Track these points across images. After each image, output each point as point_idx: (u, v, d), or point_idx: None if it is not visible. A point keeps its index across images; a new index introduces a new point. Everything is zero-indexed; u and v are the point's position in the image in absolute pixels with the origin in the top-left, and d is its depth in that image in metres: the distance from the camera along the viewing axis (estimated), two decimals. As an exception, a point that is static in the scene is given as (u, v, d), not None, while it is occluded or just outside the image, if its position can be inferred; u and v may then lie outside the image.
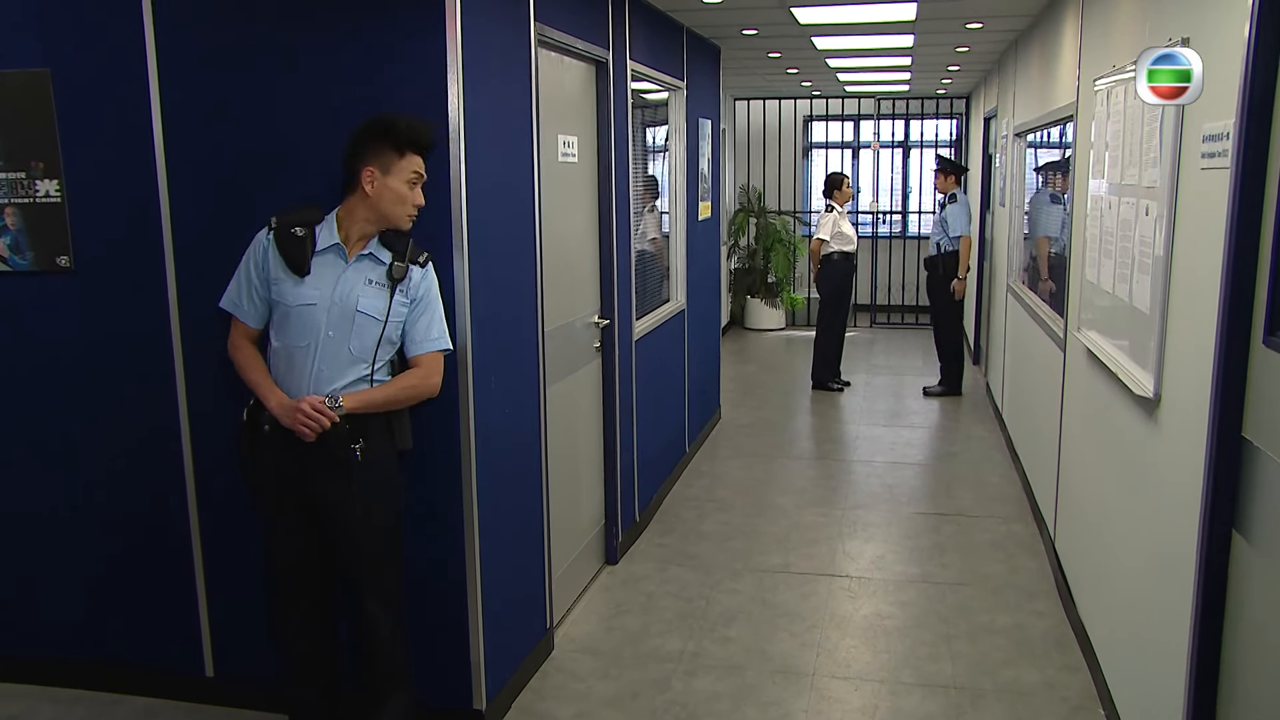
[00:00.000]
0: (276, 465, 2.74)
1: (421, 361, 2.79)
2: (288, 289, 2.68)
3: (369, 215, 2.70)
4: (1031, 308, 5.50)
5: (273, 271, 2.70)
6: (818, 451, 6.52)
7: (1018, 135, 6.48)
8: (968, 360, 9.37)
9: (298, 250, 2.67)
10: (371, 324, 2.69)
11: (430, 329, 2.79)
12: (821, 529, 5.06)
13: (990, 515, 5.23)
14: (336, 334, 2.67)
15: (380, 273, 2.71)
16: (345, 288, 2.68)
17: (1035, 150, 6.09)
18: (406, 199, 2.70)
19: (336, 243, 2.70)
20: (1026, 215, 6.02)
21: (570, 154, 4.02)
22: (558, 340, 3.87)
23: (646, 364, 5.06)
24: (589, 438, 4.36)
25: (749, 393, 8.14)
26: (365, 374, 2.71)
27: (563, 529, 3.98)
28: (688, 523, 5.15)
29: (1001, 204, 7.44)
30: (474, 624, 3.10)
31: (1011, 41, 6.83)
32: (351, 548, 2.77)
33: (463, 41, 2.89)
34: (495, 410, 3.21)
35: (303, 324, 2.67)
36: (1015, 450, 6.08)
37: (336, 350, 2.68)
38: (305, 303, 2.67)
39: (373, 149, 2.66)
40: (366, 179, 2.66)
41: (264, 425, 2.73)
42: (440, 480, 3.03)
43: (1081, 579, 3.87)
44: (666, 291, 5.85)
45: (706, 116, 6.50)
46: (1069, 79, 4.59)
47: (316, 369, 2.68)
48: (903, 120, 11.68)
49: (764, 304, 11.07)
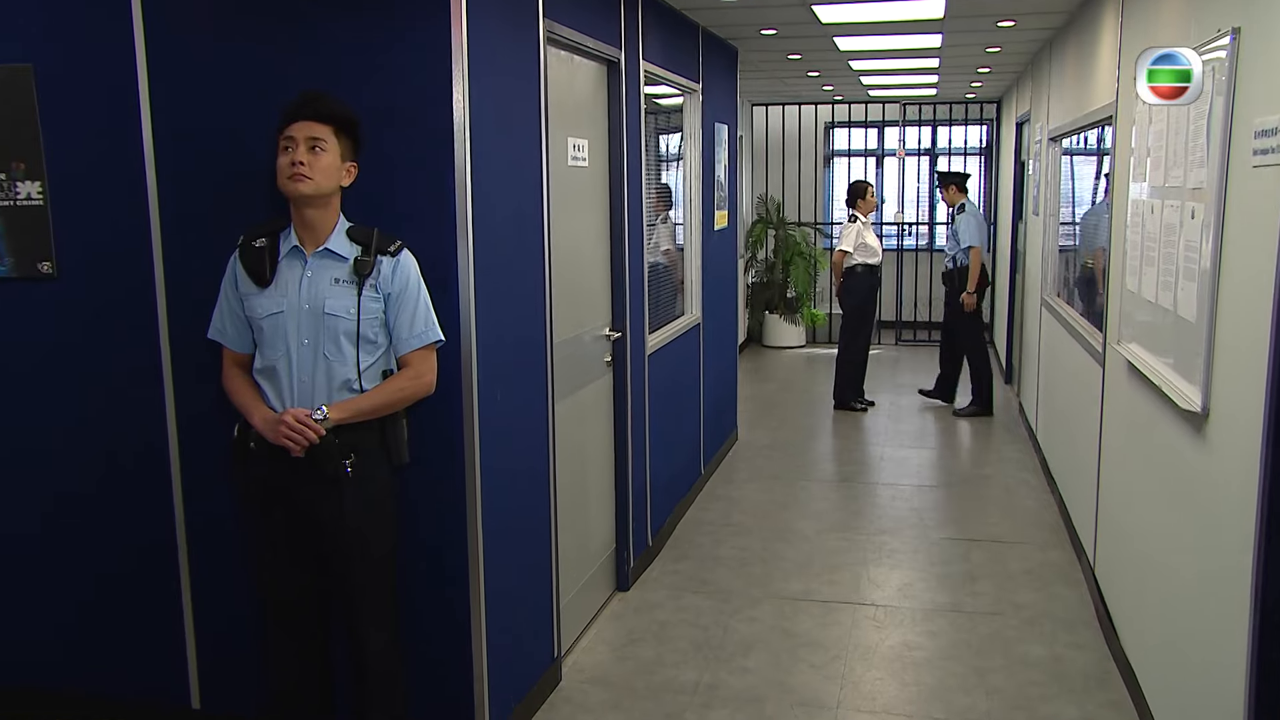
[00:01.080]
0: (265, 482, 2.73)
1: (411, 360, 2.76)
2: (256, 302, 2.71)
3: (292, 205, 2.72)
4: (1068, 322, 5.46)
5: (242, 288, 2.74)
6: (840, 474, 6.47)
7: (1052, 140, 6.45)
8: (998, 379, 9.32)
9: (258, 261, 2.70)
10: (343, 325, 2.66)
11: (414, 322, 2.74)
12: (845, 554, 5.01)
13: (1024, 541, 5.17)
14: (311, 341, 2.67)
15: (345, 269, 2.69)
16: (311, 290, 2.68)
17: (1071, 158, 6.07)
18: (282, 169, 2.66)
19: (295, 245, 2.71)
20: (1078, 226, 5.91)
21: (580, 158, 4.01)
22: (566, 354, 3.84)
23: (660, 380, 5.03)
24: (599, 457, 4.33)
25: (768, 413, 8.10)
26: (351, 382, 2.69)
27: (571, 553, 3.94)
28: (703, 548, 5.12)
29: (1035, 213, 7.40)
30: (477, 652, 3.06)
31: (1046, 41, 6.81)
32: (344, 568, 2.75)
33: (468, 37, 2.88)
34: (501, 426, 3.18)
35: (275, 335, 2.68)
36: (1051, 473, 6.03)
37: (313, 359, 2.67)
38: (272, 312, 2.68)
39: None
40: None
41: (250, 443, 2.73)
42: (442, 500, 3.00)
43: (1124, 608, 3.81)
44: (681, 305, 5.83)
45: (723, 121, 6.50)
46: (1107, 78, 4.56)
47: (296, 381, 2.67)
48: (929, 126, 11.68)
49: (783, 320, 11.05)
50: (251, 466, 2.75)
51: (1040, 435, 6.67)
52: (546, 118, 3.51)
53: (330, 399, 2.67)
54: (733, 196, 6.93)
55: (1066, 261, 6.16)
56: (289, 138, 2.65)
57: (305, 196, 2.64)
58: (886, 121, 11.63)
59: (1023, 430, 7.42)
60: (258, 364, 2.75)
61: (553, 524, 3.65)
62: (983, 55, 7.48)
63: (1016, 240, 8.99)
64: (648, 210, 4.85)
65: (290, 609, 2.83)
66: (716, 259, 6.36)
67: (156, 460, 3.22)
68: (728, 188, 6.71)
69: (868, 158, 12.10)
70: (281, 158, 2.65)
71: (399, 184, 2.90)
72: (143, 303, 3.16)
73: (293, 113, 2.67)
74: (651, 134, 5.12)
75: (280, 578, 2.80)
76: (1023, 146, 8.89)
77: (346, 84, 2.88)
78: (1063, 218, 6.25)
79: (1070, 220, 6.13)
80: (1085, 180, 5.87)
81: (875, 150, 12.12)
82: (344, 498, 2.68)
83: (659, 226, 5.49)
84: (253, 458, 2.73)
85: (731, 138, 6.81)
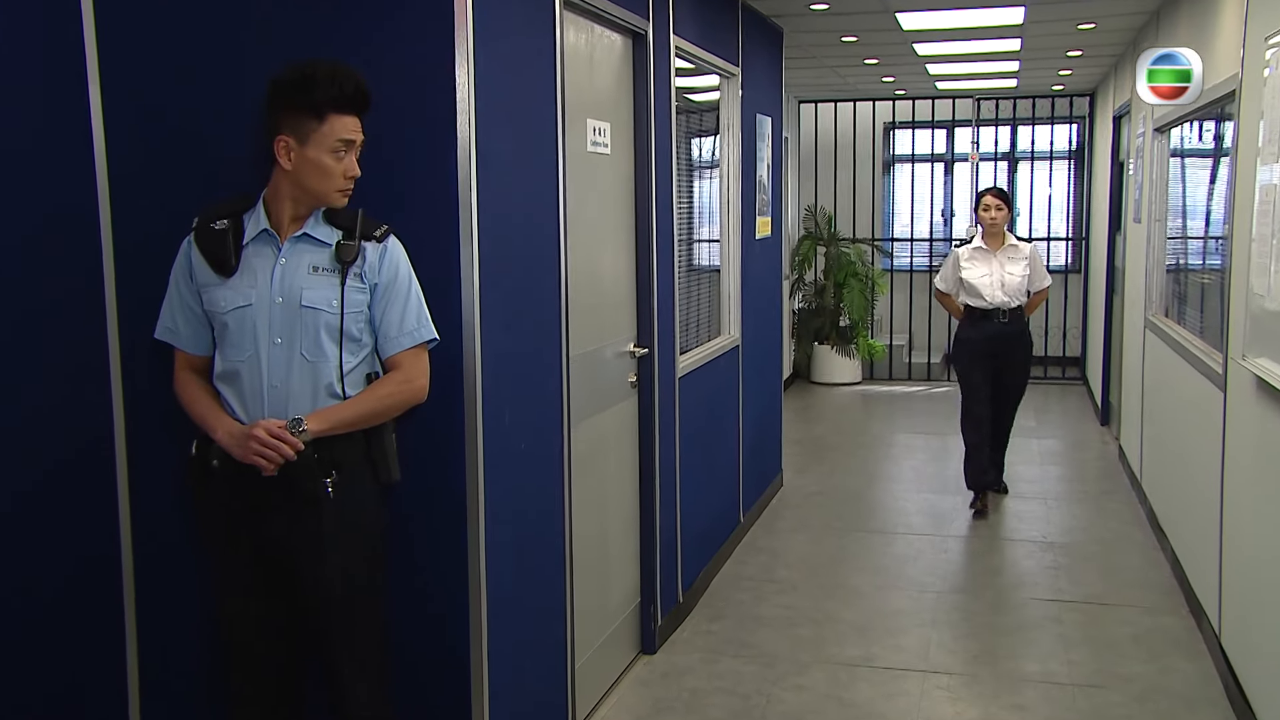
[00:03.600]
0: (229, 507, 2.74)
1: (399, 362, 2.77)
2: (218, 294, 2.69)
3: (294, 193, 2.70)
4: (1179, 343, 5.45)
5: (199, 278, 2.72)
6: (903, 525, 6.47)
7: (1158, 131, 6.48)
8: (1093, 419, 9.30)
9: (219, 245, 2.68)
10: (324, 319, 2.68)
11: (405, 319, 2.76)
12: (910, 616, 5.00)
13: (1129, 604, 5.14)
14: (285, 339, 2.67)
15: (325, 256, 2.70)
16: (286, 280, 2.68)
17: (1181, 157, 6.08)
18: (333, 172, 2.66)
19: (265, 229, 2.70)
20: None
21: (602, 143, 4.07)
22: (584, 370, 3.88)
23: (693, 408, 5.06)
24: (622, 494, 4.35)
25: (817, 457, 8.10)
26: (332, 386, 2.70)
27: (589, 607, 3.95)
28: (742, 606, 5.12)
29: (1136, 220, 7.42)
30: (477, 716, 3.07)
31: (1152, 12, 6.82)
32: (322, 604, 2.75)
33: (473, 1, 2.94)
34: (509, 452, 3.21)
35: (242, 332, 2.68)
36: (1160, 524, 6.00)
37: (288, 360, 2.67)
38: (238, 305, 2.68)
39: (286, 113, 2.64)
40: (281, 151, 2.65)
41: (212, 460, 2.72)
42: (440, 540, 3.02)
43: (1263, 685, 3.77)
44: (717, 323, 5.87)
45: (766, 113, 6.58)
46: (1230, 45, 4.57)
47: (268, 386, 2.67)
48: (1008, 126, 11.74)
49: (835, 352, 11.06)
50: (213, 490, 2.75)
51: (1145, 480, 6.65)
52: (563, 96, 3.57)
53: (309, 407, 2.68)
54: (776, 202, 6.99)
55: (1176, 276, 6.16)
56: (348, 142, 2.66)
57: None
58: (957, 121, 11.69)
59: (1123, 477, 7.40)
60: (219, 368, 2.74)
61: (567, 570, 3.67)
62: (1073, 34, 7.46)
63: (1113, 256, 9.00)
64: (678, 202, 4.90)
65: (259, 658, 2.83)
66: (758, 272, 6.41)
67: (101, 471, 3.19)
68: (771, 190, 6.77)
69: (934, 163, 12.16)
70: (330, 161, 2.65)
71: (392, 170, 2.95)
72: (90, 304, 3.15)
73: (349, 102, 2.66)
74: (681, 138, 5.17)
75: (248, 620, 2.80)
76: (1121, 145, 8.92)
77: (329, 56, 2.89)
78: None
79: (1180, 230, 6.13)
80: (1200, 179, 5.88)
81: (944, 155, 12.19)
82: (324, 522, 2.69)
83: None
84: (215, 479, 2.73)
85: (776, 133, 6.88)
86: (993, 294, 6.48)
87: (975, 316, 6.57)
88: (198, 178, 3.09)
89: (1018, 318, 6.57)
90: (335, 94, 2.63)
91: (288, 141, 2.64)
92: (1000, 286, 6.48)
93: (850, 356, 11.11)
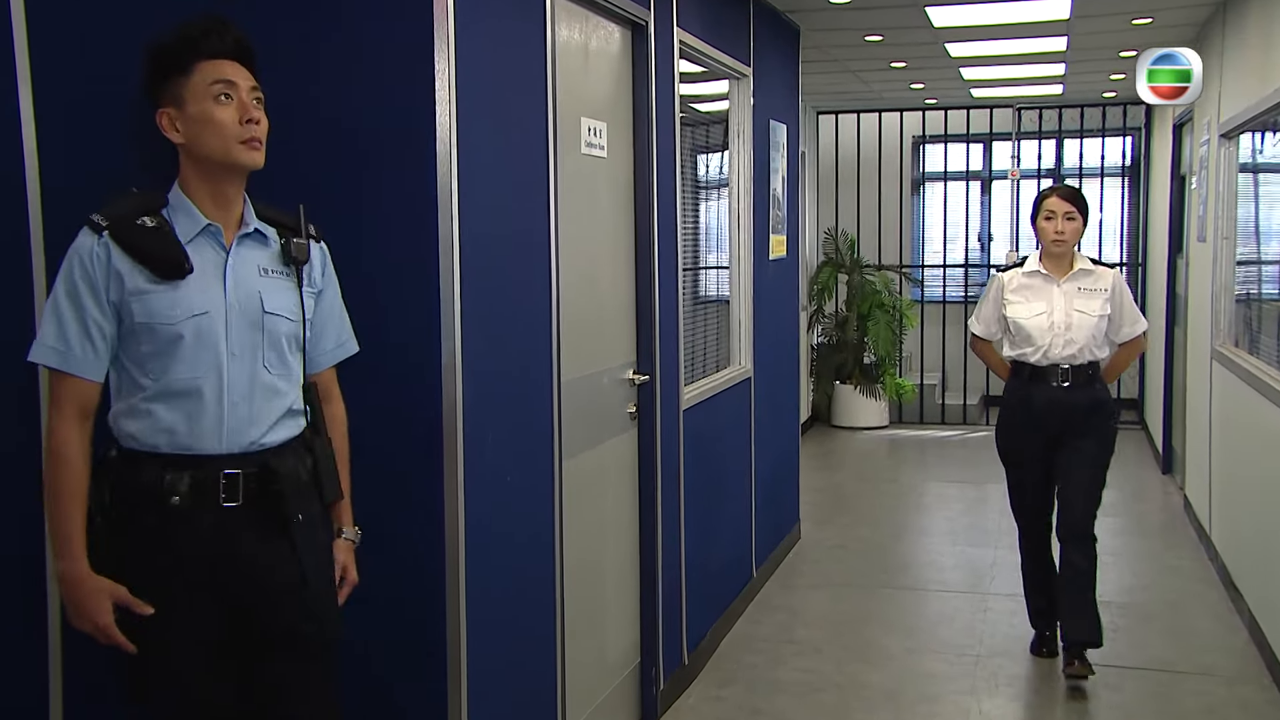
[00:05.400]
0: (183, 554, 2.61)
1: (328, 380, 2.83)
2: (163, 301, 2.57)
3: (200, 170, 2.63)
4: (1254, 375, 5.48)
5: (129, 284, 2.57)
6: (936, 581, 6.48)
7: (1225, 138, 6.53)
8: (1153, 466, 9.31)
9: (160, 243, 2.58)
10: (284, 328, 2.69)
11: (341, 329, 2.85)
12: (947, 682, 5.00)
13: (1202, 672, 5.14)
14: (242, 352, 2.64)
15: (269, 256, 2.71)
16: (239, 283, 2.65)
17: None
18: (224, 120, 2.58)
19: (208, 223, 2.64)
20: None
21: (598, 145, 4.12)
22: (578, 397, 3.91)
23: (699, 444, 5.08)
24: (620, 539, 4.37)
25: (840, 507, 8.11)
26: (295, 405, 2.72)
27: (582, 665, 3.95)
28: (756, 669, 5.12)
29: (1200, 239, 7.46)
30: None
31: (1218, 5, 6.81)
32: (293, 663, 2.72)
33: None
34: (492, 483, 3.23)
35: (200, 346, 2.60)
36: (1235, 583, 6.00)
37: (250, 376, 2.64)
38: (196, 312, 2.58)
39: (156, 85, 2.62)
40: (167, 126, 2.62)
41: (175, 497, 2.59)
42: (411, 578, 3.02)
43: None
44: (726, 352, 5.90)
45: (781, 120, 6.65)
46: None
47: (229, 408, 2.62)
48: (1053, 139, 11.80)
49: (859, 392, 11.08)
50: (174, 535, 2.61)
51: (1216, 534, 6.65)
52: (555, 91, 3.62)
53: (269, 428, 2.66)
54: (793, 220, 7.04)
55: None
56: (227, 82, 2.60)
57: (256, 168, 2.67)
58: (995, 135, 11.76)
59: (1189, 529, 7.41)
60: (155, 388, 2.59)
61: (558, 622, 3.67)
62: (1127, 30, 7.43)
63: (1174, 283, 9.03)
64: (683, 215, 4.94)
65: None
66: (772, 296, 6.46)
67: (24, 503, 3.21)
68: (786, 206, 6.83)
69: (969, 182, 12.22)
70: (221, 110, 2.59)
71: (363, 166, 2.99)
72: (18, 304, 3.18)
73: (213, 47, 2.61)
74: (687, 153, 5.22)
75: (204, 697, 2.67)
76: (1182, 158, 8.97)
77: (285, 47, 2.93)
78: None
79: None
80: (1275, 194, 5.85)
81: (980, 172, 12.25)
82: (300, 555, 2.67)
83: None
84: (173, 520, 2.60)
85: (792, 142, 6.95)
86: (1050, 342, 4.93)
87: (1024, 376, 5.03)
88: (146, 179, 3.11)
89: (1088, 379, 4.97)
90: (190, 40, 2.60)
91: (168, 113, 2.61)
92: (1063, 330, 4.92)
93: (875, 397, 11.13)
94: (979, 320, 5.23)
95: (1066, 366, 4.92)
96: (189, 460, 2.60)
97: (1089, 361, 4.95)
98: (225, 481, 2.61)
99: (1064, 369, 4.92)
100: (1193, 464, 7.73)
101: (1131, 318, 5.05)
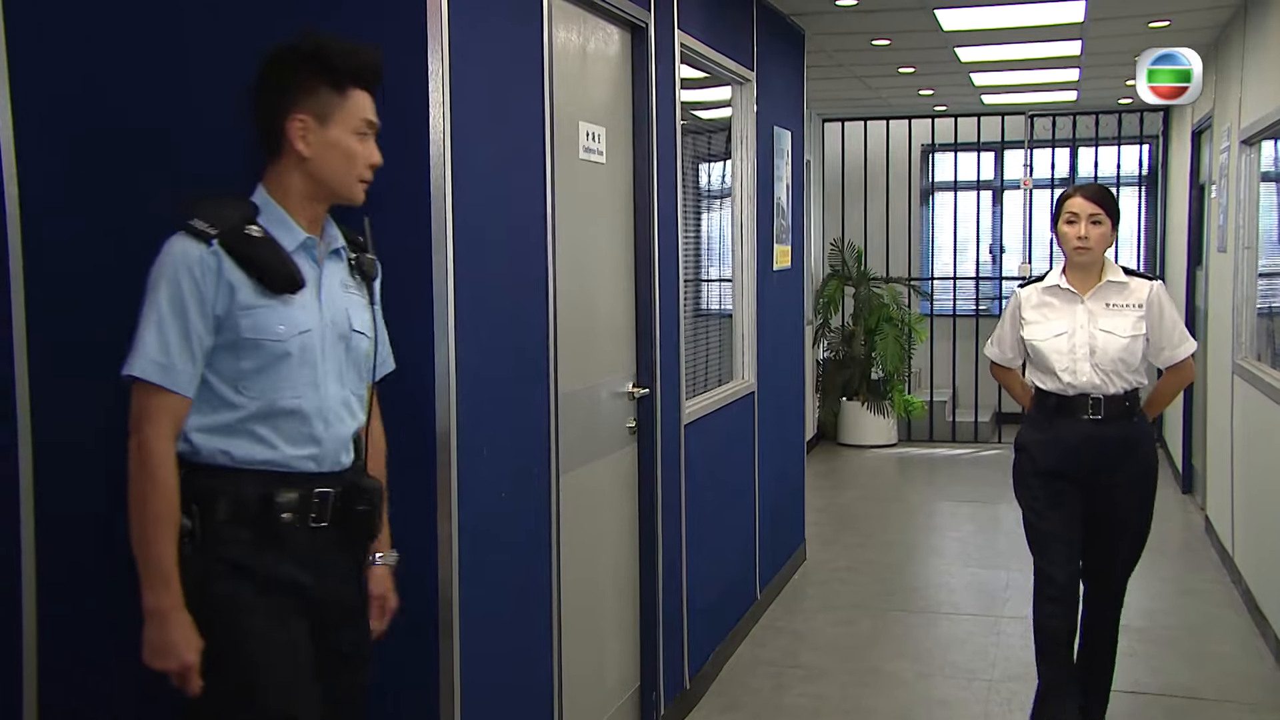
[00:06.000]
0: (280, 571, 2.61)
1: (370, 397, 2.82)
2: (271, 317, 2.54)
3: (309, 189, 2.63)
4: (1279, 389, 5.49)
5: (240, 298, 2.52)
6: (948, 604, 6.49)
7: (1246, 144, 6.56)
8: (1172, 486, 9.30)
9: (273, 255, 2.55)
10: (363, 347, 2.73)
11: (385, 343, 2.87)
12: (958, 708, 5.01)
13: (1226, 699, 5.14)
14: (333, 370, 2.67)
15: (344, 270, 2.74)
16: (333, 301, 2.68)
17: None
18: (357, 156, 2.63)
19: (306, 237, 2.64)
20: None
21: (596, 150, 4.14)
22: (576, 410, 3.92)
23: (701, 461, 5.10)
24: (619, 558, 4.38)
25: (847, 527, 8.12)
26: (361, 428, 2.76)
27: (581, 690, 3.96)
28: (760, 694, 5.12)
29: (1220, 249, 7.47)
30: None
31: (1238, 6, 6.84)
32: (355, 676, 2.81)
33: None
34: (486, 498, 3.24)
35: (302, 364, 2.60)
36: (1260, 608, 6.00)
37: (339, 395, 2.69)
38: (301, 330, 2.59)
39: (302, 89, 2.57)
40: (297, 132, 2.57)
41: (283, 514, 2.57)
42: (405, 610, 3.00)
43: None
44: (729, 366, 5.92)
45: (785, 126, 6.68)
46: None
47: (325, 428, 2.64)
48: (1067, 148, 11.85)
49: (866, 409, 11.10)
50: (284, 552, 2.61)
51: (1239, 555, 6.65)
52: (552, 94, 3.64)
53: (347, 451, 2.72)
54: (797, 230, 7.06)
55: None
56: (372, 123, 2.66)
57: None
58: (1007, 142, 11.80)
59: (1211, 552, 7.41)
60: (256, 406, 2.56)
61: (555, 643, 3.68)
62: (1144, 34, 7.44)
63: (1193, 295, 9.06)
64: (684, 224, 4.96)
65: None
66: (776, 308, 6.47)
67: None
68: (791, 215, 6.86)
69: (980, 191, 12.21)
70: (354, 143, 2.62)
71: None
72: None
73: (373, 76, 2.65)
74: (688, 160, 5.24)
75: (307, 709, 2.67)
76: (1201, 166, 9.00)
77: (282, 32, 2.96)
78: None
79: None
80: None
81: (992, 181, 12.28)
82: (364, 573, 2.80)
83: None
84: (269, 540, 2.58)
85: (796, 150, 6.98)
86: (1074, 367, 4.33)
87: (1048, 407, 4.41)
88: (131, 183, 3.12)
89: (1124, 411, 4.34)
90: (357, 65, 2.61)
91: (305, 121, 2.57)
92: (1089, 355, 4.32)
93: (884, 414, 11.15)
94: (996, 343, 4.66)
95: (1098, 396, 4.29)
96: (293, 479, 2.60)
97: (1124, 391, 4.31)
98: (318, 500, 2.63)
99: (1094, 399, 4.29)
100: (1214, 483, 7.73)
101: (1174, 339, 4.38)
